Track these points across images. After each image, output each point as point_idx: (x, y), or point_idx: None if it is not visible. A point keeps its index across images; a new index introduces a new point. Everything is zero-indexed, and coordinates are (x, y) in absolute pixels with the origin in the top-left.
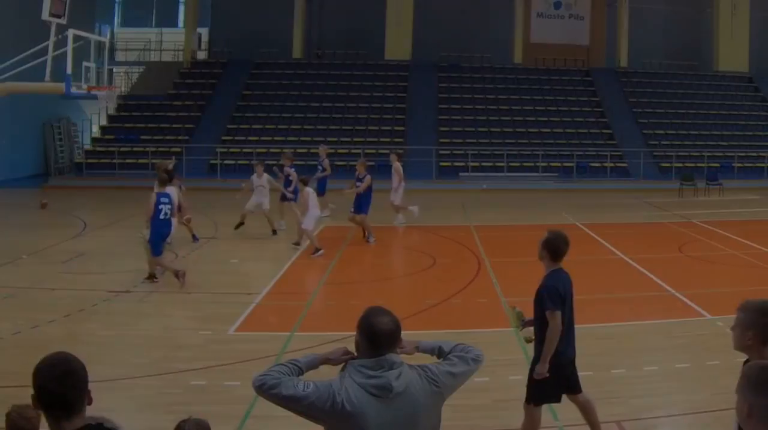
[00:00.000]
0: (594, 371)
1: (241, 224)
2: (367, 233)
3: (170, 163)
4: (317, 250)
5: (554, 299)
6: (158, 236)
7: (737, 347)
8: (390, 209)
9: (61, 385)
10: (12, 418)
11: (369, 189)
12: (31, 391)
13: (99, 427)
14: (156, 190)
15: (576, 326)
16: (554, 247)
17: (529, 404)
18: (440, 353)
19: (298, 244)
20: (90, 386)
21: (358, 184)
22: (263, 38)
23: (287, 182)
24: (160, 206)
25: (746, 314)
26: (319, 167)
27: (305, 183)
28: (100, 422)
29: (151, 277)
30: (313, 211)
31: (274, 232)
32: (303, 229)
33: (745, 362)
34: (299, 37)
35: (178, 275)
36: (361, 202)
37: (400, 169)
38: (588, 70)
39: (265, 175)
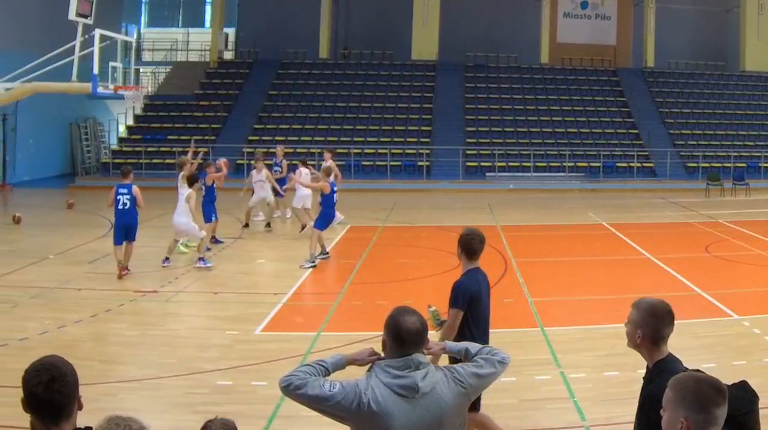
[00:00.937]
0: (620, 371)
1: (246, 225)
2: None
3: (190, 160)
4: (304, 226)
5: (460, 298)
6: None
7: (629, 345)
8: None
9: (47, 390)
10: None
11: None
12: (21, 395)
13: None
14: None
15: (603, 325)
16: (468, 246)
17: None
18: (467, 354)
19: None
20: (84, 389)
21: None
22: (290, 38)
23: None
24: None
25: (637, 312)
26: (277, 169)
27: (304, 164)
28: (89, 426)
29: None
30: (303, 190)
31: (268, 224)
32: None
33: (647, 371)
34: (326, 37)
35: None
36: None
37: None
38: (614, 70)
39: (264, 170)
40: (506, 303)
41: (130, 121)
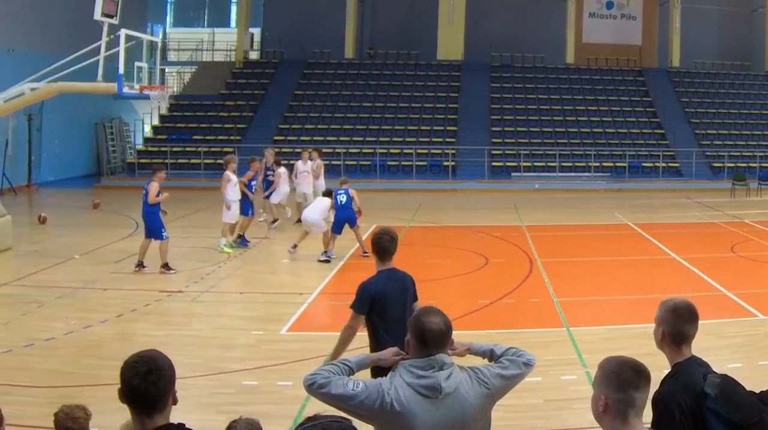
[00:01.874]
0: None
1: (276, 219)
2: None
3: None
4: (275, 220)
5: (357, 300)
6: None
7: (657, 345)
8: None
9: (143, 382)
10: (59, 418)
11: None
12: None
13: (180, 427)
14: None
15: (629, 325)
16: (379, 246)
17: None
18: (492, 355)
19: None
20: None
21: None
22: (315, 38)
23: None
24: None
25: (660, 310)
26: (269, 173)
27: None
28: (182, 423)
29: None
30: (283, 187)
31: (275, 221)
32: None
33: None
34: (351, 37)
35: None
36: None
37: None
38: (640, 70)
39: (282, 168)
40: (532, 303)
41: (156, 121)
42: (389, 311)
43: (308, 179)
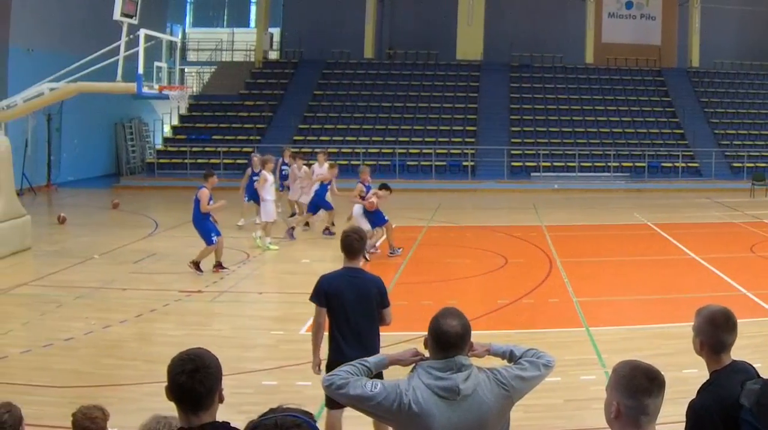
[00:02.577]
0: (665, 372)
1: (307, 223)
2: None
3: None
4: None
5: (313, 291)
6: None
7: (696, 352)
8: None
9: (190, 379)
10: (77, 418)
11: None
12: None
13: (225, 425)
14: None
15: (648, 325)
16: (345, 244)
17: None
18: (511, 357)
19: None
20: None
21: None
22: (335, 38)
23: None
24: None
25: (697, 320)
26: (255, 178)
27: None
28: (227, 422)
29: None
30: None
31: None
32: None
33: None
34: (371, 37)
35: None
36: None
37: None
38: (659, 70)
39: (304, 167)
40: (551, 303)
41: (175, 121)
42: (343, 312)
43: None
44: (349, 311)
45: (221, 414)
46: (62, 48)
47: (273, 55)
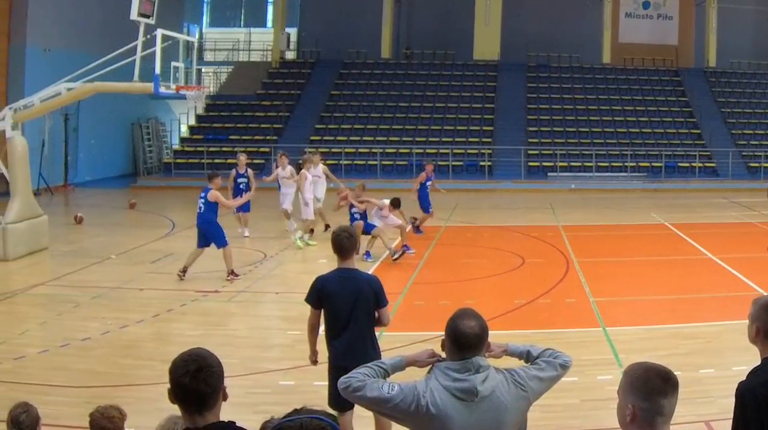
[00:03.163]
0: (682, 371)
1: (327, 225)
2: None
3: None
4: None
5: (309, 291)
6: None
7: (750, 340)
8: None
9: (194, 380)
10: (94, 418)
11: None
12: (157, 387)
13: (231, 425)
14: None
15: (665, 325)
16: (337, 244)
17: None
18: (528, 357)
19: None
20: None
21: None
22: (352, 38)
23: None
24: None
25: (753, 307)
26: (242, 179)
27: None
28: (232, 421)
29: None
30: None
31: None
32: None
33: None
34: (388, 37)
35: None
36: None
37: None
38: (676, 70)
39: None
40: (568, 303)
41: (192, 121)
42: (335, 313)
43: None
44: (343, 311)
45: (238, 414)
46: (79, 48)
47: (290, 55)
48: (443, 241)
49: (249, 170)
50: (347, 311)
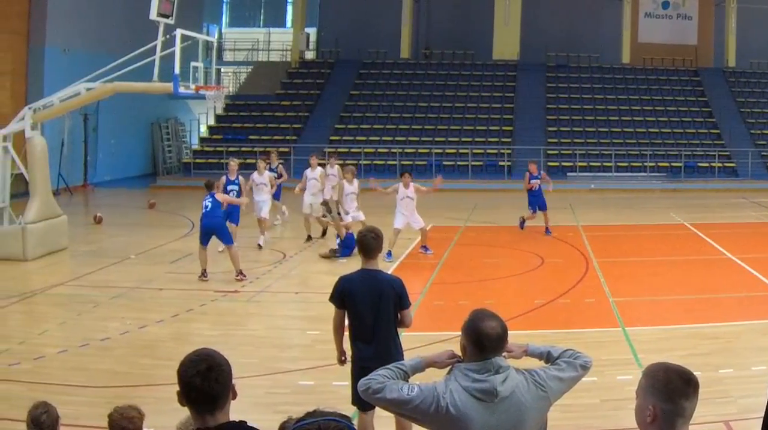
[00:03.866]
0: (702, 371)
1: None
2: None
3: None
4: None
5: (332, 293)
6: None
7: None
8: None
9: (205, 380)
10: (114, 418)
11: None
12: (176, 387)
13: (241, 424)
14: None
15: (684, 325)
16: (363, 244)
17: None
18: (548, 357)
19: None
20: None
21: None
22: (371, 38)
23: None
24: None
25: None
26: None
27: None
28: (243, 421)
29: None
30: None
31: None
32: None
33: None
34: (407, 37)
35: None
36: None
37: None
38: (696, 70)
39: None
40: (588, 303)
41: (212, 121)
42: (357, 314)
43: (317, 187)
44: (365, 312)
45: (257, 414)
46: (98, 48)
47: (309, 55)
48: (462, 241)
49: (240, 178)
50: (370, 312)
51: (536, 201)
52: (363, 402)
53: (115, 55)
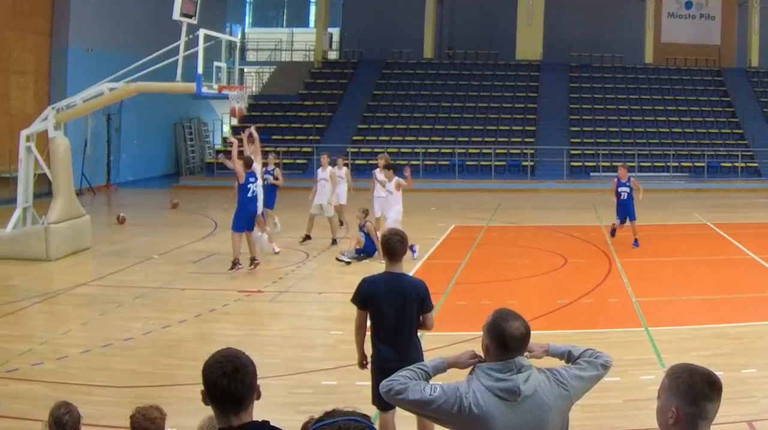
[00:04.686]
0: (725, 371)
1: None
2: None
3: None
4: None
5: (355, 292)
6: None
7: None
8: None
9: (231, 381)
10: (136, 419)
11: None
12: (199, 387)
13: (265, 424)
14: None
15: (707, 325)
16: (388, 247)
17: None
18: (569, 357)
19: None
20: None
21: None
22: (394, 38)
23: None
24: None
25: None
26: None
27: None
28: (266, 421)
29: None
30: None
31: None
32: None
33: None
34: (430, 37)
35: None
36: None
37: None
38: (719, 70)
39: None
40: (611, 303)
41: (235, 121)
42: (380, 315)
43: (327, 188)
44: (387, 314)
45: (280, 414)
46: (121, 48)
47: (332, 55)
48: (485, 241)
49: (277, 170)
50: (393, 314)
51: (624, 211)
52: (384, 402)
53: (138, 55)
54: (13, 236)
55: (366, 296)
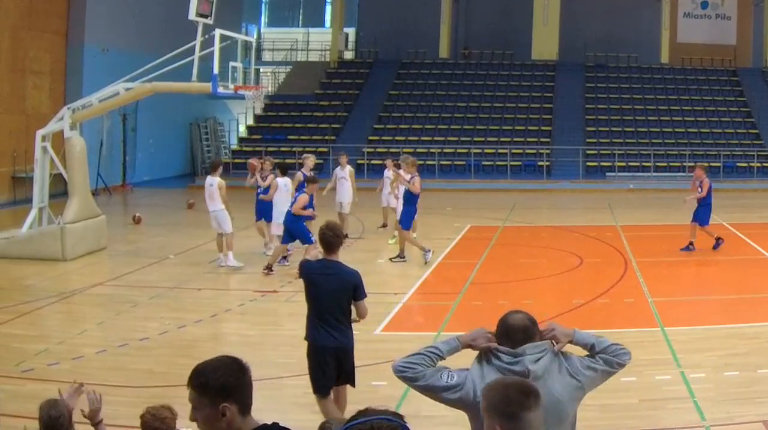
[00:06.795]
0: (741, 371)
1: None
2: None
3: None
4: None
5: (299, 272)
6: None
7: None
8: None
9: (241, 379)
10: (146, 420)
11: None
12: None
13: (275, 426)
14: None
15: (723, 325)
16: (324, 241)
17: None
18: (592, 349)
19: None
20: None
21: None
22: (410, 38)
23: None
24: None
25: None
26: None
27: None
28: (276, 422)
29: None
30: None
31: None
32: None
33: None
34: (446, 37)
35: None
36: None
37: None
38: (735, 70)
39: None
40: (627, 303)
41: (251, 121)
42: (316, 300)
43: (345, 186)
44: (321, 300)
45: (296, 414)
46: (137, 48)
47: (348, 55)
48: (501, 241)
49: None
50: (324, 301)
51: (705, 212)
52: (326, 389)
53: (153, 55)
54: (29, 236)
55: (305, 279)
